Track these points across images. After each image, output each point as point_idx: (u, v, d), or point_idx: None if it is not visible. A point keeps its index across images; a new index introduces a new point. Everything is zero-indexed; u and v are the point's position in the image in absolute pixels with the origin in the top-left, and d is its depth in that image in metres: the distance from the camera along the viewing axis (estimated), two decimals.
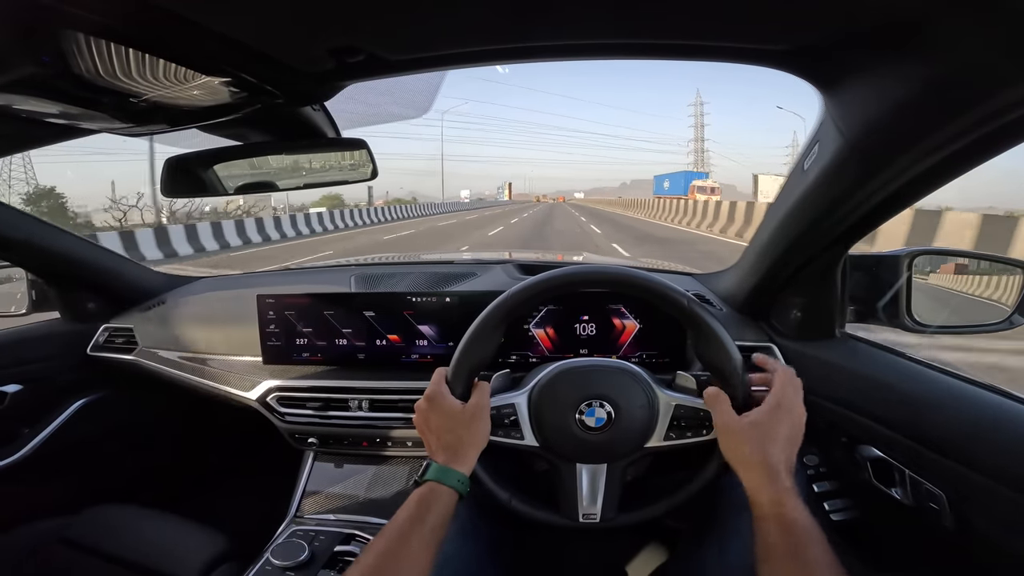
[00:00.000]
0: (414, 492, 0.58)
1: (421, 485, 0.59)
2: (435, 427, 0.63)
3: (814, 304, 0.87)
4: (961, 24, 0.39)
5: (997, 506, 0.56)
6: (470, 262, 1.36)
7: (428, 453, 0.63)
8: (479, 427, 0.64)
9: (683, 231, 15.17)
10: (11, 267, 1.21)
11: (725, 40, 0.51)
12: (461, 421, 0.63)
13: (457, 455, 0.61)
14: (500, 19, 0.49)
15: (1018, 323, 0.78)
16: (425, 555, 0.53)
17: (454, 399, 0.64)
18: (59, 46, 0.46)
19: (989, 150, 0.48)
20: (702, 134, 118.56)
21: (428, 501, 0.57)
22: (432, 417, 0.64)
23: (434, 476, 0.59)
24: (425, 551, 0.53)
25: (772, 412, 0.57)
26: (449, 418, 0.63)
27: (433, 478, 0.59)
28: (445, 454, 0.61)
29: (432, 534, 0.55)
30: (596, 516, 0.67)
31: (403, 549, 0.52)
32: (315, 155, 0.83)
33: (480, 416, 0.65)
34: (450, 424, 0.63)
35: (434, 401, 0.64)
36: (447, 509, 0.58)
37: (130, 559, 0.89)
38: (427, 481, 0.59)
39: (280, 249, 11.40)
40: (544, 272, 0.69)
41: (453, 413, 0.63)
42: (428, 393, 0.65)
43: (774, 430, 0.56)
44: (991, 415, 0.61)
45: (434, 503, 0.57)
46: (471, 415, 0.64)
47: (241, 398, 1.07)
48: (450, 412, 0.63)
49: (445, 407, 0.63)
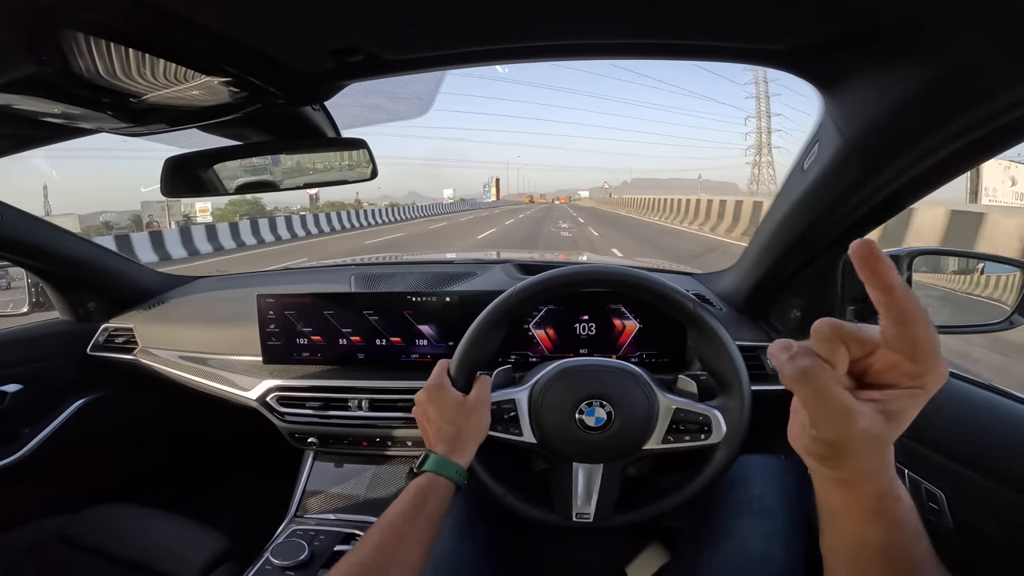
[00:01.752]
0: (411, 483, 0.58)
1: (419, 476, 0.59)
2: (434, 418, 0.63)
3: (814, 304, 0.87)
4: (961, 24, 0.39)
5: (997, 506, 0.57)
6: (470, 262, 1.36)
7: (427, 444, 0.63)
8: (479, 420, 0.64)
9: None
10: (11, 267, 1.21)
11: (725, 40, 0.51)
12: (461, 413, 0.63)
13: (456, 447, 0.61)
14: (500, 19, 0.49)
15: (1018, 323, 0.78)
16: (420, 548, 0.53)
17: (455, 391, 0.65)
18: (59, 46, 0.46)
19: (989, 150, 0.48)
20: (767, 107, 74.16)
21: (426, 492, 0.56)
22: (432, 409, 0.64)
23: (433, 467, 0.59)
24: (420, 544, 0.53)
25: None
26: (449, 410, 0.63)
27: (432, 469, 0.58)
28: (444, 445, 0.61)
29: (428, 525, 0.54)
30: (590, 516, 0.67)
31: (399, 541, 0.51)
32: (315, 155, 0.83)
33: (480, 409, 0.65)
34: (450, 416, 0.63)
35: (435, 392, 0.64)
36: (444, 501, 0.57)
37: (130, 559, 0.89)
38: (425, 472, 0.58)
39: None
40: (545, 271, 0.69)
41: (454, 405, 0.63)
42: (429, 384, 0.65)
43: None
44: (991, 415, 0.61)
45: (431, 494, 0.56)
46: (471, 407, 0.64)
47: (241, 398, 1.07)
48: (451, 404, 0.63)
49: (446, 399, 0.63)
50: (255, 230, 14.20)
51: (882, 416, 0.29)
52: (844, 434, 0.29)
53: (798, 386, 0.29)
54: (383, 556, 0.50)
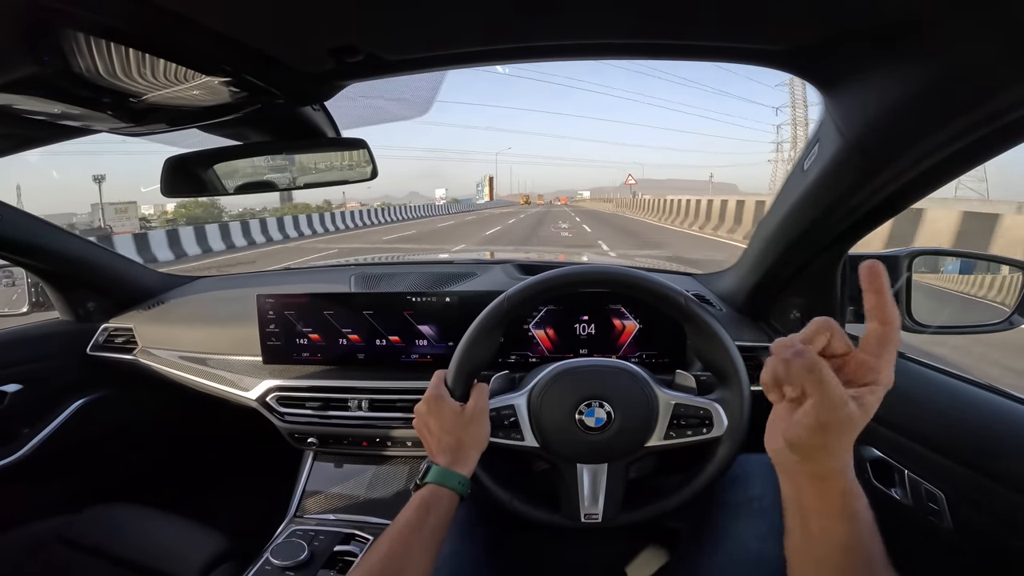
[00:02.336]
0: (415, 495, 0.58)
1: (422, 488, 0.59)
2: (435, 430, 0.63)
3: (814, 304, 0.87)
4: (961, 24, 0.39)
5: (997, 506, 0.56)
6: (470, 262, 1.36)
7: (429, 456, 0.63)
8: (479, 429, 0.64)
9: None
10: (11, 267, 1.21)
11: (725, 40, 0.51)
12: (460, 423, 0.63)
13: (458, 457, 0.61)
14: (500, 19, 0.49)
15: (1018, 323, 0.78)
16: (426, 557, 0.54)
17: (453, 401, 0.65)
18: (59, 46, 0.46)
19: (989, 150, 0.48)
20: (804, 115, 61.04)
21: (429, 504, 0.57)
22: (432, 420, 0.64)
23: (435, 479, 0.59)
24: (426, 553, 0.54)
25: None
26: (449, 421, 0.63)
27: (434, 481, 0.59)
28: (445, 457, 0.61)
29: (433, 536, 0.55)
30: (598, 516, 0.67)
31: (406, 553, 0.52)
32: (315, 155, 0.83)
33: (479, 418, 0.65)
34: (450, 427, 0.63)
35: (433, 404, 0.64)
36: (448, 511, 0.58)
37: (130, 559, 0.89)
38: (428, 484, 0.59)
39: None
40: (543, 272, 0.69)
41: (453, 416, 0.63)
42: (427, 396, 0.65)
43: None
44: (991, 415, 0.61)
45: (435, 506, 0.57)
46: (470, 417, 0.64)
47: (241, 398, 1.07)
48: (450, 415, 0.63)
49: (444, 410, 0.64)
50: (200, 237, 11.95)
51: (856, 405, 0.35)
52: (837, 418, 0.35)
53: (809, 375, 0.34)
54: (392, 566, 0.51)
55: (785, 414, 0.38)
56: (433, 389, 0.66)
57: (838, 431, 0.35)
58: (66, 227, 1.32)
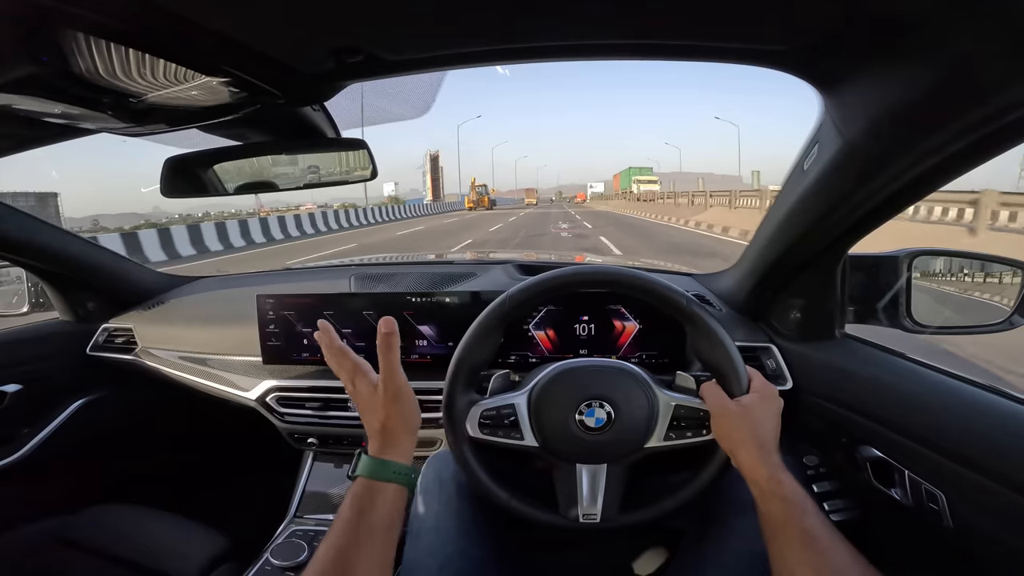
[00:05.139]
0: (348, 490, 0.51)
1: (353, 481, 0.52)
2: (361, 411, 0.56)
3: (814, 305, 0.87)
4: (961, 24, 0.39)
5: (996, 506, 0.56)
6: (470, 262, 1.36)
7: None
8: (403, 408, 0.55)
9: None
10: (11, 267, 1.21)
11: (725, 40, 0.51)
12: (379, 403, 0.55)
13: (386, 443, 0.54)
14: (500, 19, 0.50)
15: (1018, 323, 0.78)
16: (380, 549, 0.49)
17: (375, 375, 0.56)
18: (59, 46, 0.46)
19: (989, 150, 0.48)
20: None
21: (362, 499, 0.50)
22: (358, 400, 0.56)
23: (365, 471, 0.52)
24: (379, 546, 0.49)
25: (760, 397, 0.62)
26: (366, 399, 0.55)
27: (364, 473, 0.51)
28: (374, 443, 0.54)
29: (386, 530, 0.49)
30: (596, 516, 0.67)
31: (355, 548, 0.48)
32: (315, 155, 0.83)
33: (400, 396, 0.55)
34: (368, 405, 0.55)
35: (358, 379, 0.56)
36: (393, 504, 0.51)
37: (130, 559, 0.89)
38: (358, 476, 0.52)
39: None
40: (543, 273, 0.69)
41: (369, 394, 0.55)
42: (350, 368, 0.57)
43: (764, 412, 0.61)
44: (990, 415, 0.61)
45: (375, 500, 0.50)
46: (393, 396, 0.55)
47: (241, 398, 1.07)
48: (366, 393, 0.55)
49: (362, 387, 0.56)
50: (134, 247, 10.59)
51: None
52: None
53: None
54: (343, 560, 0.47)
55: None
56: (354, 362, 0.57)
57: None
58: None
